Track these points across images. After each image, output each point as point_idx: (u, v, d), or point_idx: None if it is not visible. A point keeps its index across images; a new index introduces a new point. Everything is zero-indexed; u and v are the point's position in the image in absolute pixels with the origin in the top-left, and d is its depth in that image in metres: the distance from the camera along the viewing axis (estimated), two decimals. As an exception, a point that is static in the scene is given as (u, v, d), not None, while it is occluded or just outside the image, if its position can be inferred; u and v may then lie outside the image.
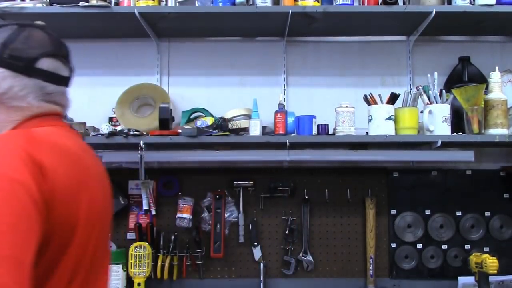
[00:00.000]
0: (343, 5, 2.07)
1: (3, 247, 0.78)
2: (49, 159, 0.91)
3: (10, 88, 1.04)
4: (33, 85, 1.06)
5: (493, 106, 2.01)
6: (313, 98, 2.39)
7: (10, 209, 0.81)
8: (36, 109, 1.06)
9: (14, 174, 0.84)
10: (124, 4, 2.13)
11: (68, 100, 1.15)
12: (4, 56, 1.05)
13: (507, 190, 2.30)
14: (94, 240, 1.00)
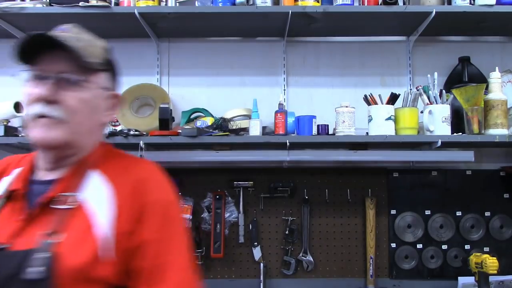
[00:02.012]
0: (343, 5, 2.07)
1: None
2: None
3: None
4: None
5: (493, 106, 2.01)
6: (313, 98, 2.39)
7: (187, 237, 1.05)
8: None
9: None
10: (124, 4, 2.13)
11: None
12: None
13: (507, 190, 2.30)
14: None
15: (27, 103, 1.02)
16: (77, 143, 1.06)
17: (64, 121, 1.01)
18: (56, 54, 1.01)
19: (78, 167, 1.07)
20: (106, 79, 1.10)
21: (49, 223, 0.98)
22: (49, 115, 0.99)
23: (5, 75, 2.39)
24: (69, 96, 1.01)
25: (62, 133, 1.01)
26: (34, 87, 1.01)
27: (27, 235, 0.97)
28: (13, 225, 0.99)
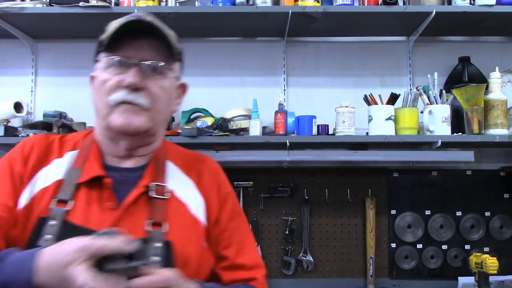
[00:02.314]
0: (343, 5, 2.07)
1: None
2: None
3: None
4: None
5: (493, 106, 2.01)
6: (313, 98, 2.39)
7: None
8: None
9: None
10: (124, 4, 2.13)
11: None
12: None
13: (507, 190, 2.30)
14: None
15: (108, 89, 1.01)
16: (155, 131, 1.07)
17: (147, 108, 1.01)
18: (142, 40, 1.02)
19: (157, 157, 1.09)
20: (178, 68, 1.12)
21: (148, 213, 0.99)
22: (134, 102, 1.00)
23: (7, 75, 2.40)
24: (153, 84, 1.02)
25: (145, 120, 1.01)
26: (116, 74, 1.01)
27: (128, 224, 0.96)
28: (107, 214, 0.98)
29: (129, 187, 1.02)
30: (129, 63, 1.01)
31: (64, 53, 2.40)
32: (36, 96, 2.39)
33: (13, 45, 2.36)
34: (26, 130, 2.11)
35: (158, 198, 1.02)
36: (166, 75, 1.05)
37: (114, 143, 1.07)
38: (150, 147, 1.09)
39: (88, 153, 1.06)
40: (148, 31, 1.01)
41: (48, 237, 0.91)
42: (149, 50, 1.02)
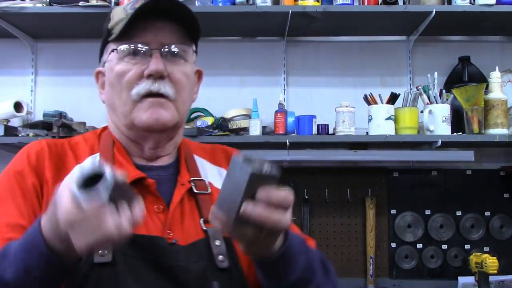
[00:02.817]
0: (343, 5, 2.07)
1: None
2: None
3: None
4: None
5: (493, 106, 2.01)
6: (313, 98, 2.38)
7: None
8: None
9: None
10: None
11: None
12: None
13: (507, 190, 2.30)
14: None
15: (128, 81, 0.91)
16: (181, 124, 0.99)
17: (172, 99, 0.91)
18: (157, 22, 0.91)
19: (183, 152, 1.00)
20: (194, 52, 1.00)
21: (197, 211, 0.92)
22: (161, 92, 0.89)
23: (7, 75, 2.40)
24: (176, 70, 0.92)
25: (173, 113, 0.92)
26: (134, 64, 0.91)
27: (182, 226, 0.89)
28: (156, 217, 0.88)
29: (168, 187, 0.93)
30: (149, 50, 0.90)
31: (64, 53, 2.40)
32: (36, 96, 2.39)
33: (13, 45, 2.36)
34: (26, 130, 2.11)
35: (202, 193, 0.94)
36: (188, 59, 0.95)
37: (136, 143, 0.96)
38: (174, 143, 0.99)
39: (112, 155, 0.94)
40: (164, 11, 0.90)
41: (102, 252, 0.80)
42: (168, 32, 0.92)
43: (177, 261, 0.84)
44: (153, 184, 0.91)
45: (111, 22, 0.96)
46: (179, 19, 0.92)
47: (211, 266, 0.86)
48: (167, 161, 0.98)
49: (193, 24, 0.93)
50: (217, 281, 0.85)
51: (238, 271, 0.89)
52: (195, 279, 0.84)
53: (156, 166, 0.96)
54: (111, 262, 0.80)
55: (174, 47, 0.92)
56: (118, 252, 0.81)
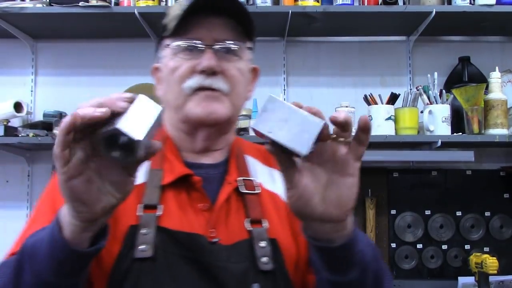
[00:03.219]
0: (343, 5, 2.07)
1: None
2: None
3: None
4: None
5: (493, 106, 2.01)
6: (313, 98, 2.38)
7: None
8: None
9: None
10: (124, 4, 2.13)
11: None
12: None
13: (507, 190, 2.30)
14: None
15: (180, 76, 0.90)
16: (234, 120, 0.97)
17: (226, 94, 0.90)
18: (212, 18, 0.91)
19: (235, 151, 0.99)
20: (249, 49, 0.99)
21: (244, 210, 0.91)
22: (213, 87, 0.89)
23: (7, 75, 2.40)
24: (230, 66, 0.92)
25: (227, 106, 0.90)
26: (188, 59, 0.90)
27: (226, 225, 0.88)
28: (201, 215, 0.88)
29: (215, 185, 0.92)
30: (202, 46, 0.90)
31: (64, 53, 2.40)
32: (36, 96, 2.39)
33: (13, 45, 2.37)
34: (26, 130, 2.11)
35: (249, 193, 0.92)
36: (242, 56, 0.95)
37: (190, 137, 0.95)
38: (227, 139, 0.98)
39: (163, 151, 0.92)
40: (219, 7, 0.90)
41: (144, 247, 0.81)
42: (222, 28, 0.91)
43: (216, 261, 0.83)
44: (199, 181, 0.90)
45: (167, 18, 0.95)
46: (233, 16, 0.92)
47: (253, 267, 0.84)
48: (218, 158, 0.97)
49: (248, 20, 0.93)
50: (258, 284, 0.83)
51: (283, 274, 0.87)
52: (234, 280, 0.82)
53: (206, 164, 0.95)
54: (151, 257, 0.81)
55: (227, 43, 0.92)
56: (159, 249, 0.82)
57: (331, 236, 0.71)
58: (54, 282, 0.69)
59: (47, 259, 0.68)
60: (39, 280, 0.69)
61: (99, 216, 0.66)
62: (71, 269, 0.70)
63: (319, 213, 0.68)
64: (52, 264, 0.68)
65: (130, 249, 0.82)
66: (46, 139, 2.04)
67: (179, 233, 0.84)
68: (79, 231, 0.67)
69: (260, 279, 0.84)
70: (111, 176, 0.65)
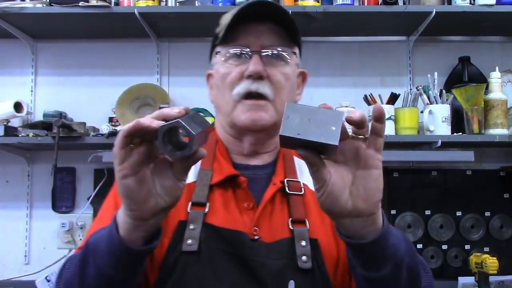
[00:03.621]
0: (343, 5, 2.07)
1: None
2: None
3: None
4: None
5: (493, 106, 2.01)
6: (313, 98, 2.38)
7: None
8: None
9: None
10: (124, 4, 2.13)
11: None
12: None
13: (507, 190, 2.30)
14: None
15: (230, 82, 0.96)
16: (280, 123, 1.01)
17: (271, 100, 0.95)
18: (260, 25, 0.96)
19: (283, 152, 1.04)
20: (298, 53, 1.05)
21: (287, 210, 0.95)
22: (260, 91, 0.94)
23: (7, 75, 2.40)
24: (276, 72, 0.97)
25: (271, 114, 0.96)
26: (237, 65, 0.96)
27: (269, 223, 0.93)
28: (246, 213, 0.93)
29: (261, 185, 0.97)
30: (249, 52, 0.95)
31: (64, 53, 2.40)
32: (36, 96, 2.39)
33: (13, 45, 2.37)
34: (26, 130, 2.11)
35: (294, 194, 0.97)
36: (288, 61, 0.99)
37: (238, 141, 1.01)
38: (275, 142, 1.03)
39: (214, 153, 1.00)
40: (266, 15, 0.95)
41: (191, 241, 0.87)
42: (269, 34, 0.96)
43: (255, 256, 0.88)
44: (245, 182, 0.95)
45: (219, 27, 1.01)
46: (279, 22, 0.97)
47: (292, 265, 0.88)
48: (266, 160, 1.02)
49: (293, 27, 0.98)
50: (295, 280, 0.86)
51: (322, 273, 0.90)
52: (271, 275, 0.86)
53: (253, 165, 1.01)
54: (196, 251, 0.87)
55: (273, 49, 0.97)
56: (204, 243, 0.88)
57: (363, 232, 0.73)
58: (113, 274, 0.75)
59: (106, 255, 0.75)
60: (100, 272, 0.76)
61: (148, 216, 0.72)
62: (127, 264, 0.76)
63: (349, 208, 0.71)
64: (111, 259, 0.74)
65: (178, 243, 0.88)
66: (46, 139, 2.04)
67: (223, 230, 0.90)
68: (132, 229, 0.73)
69: (297, 276, 0.87)
70: (162, 180, 0.71)
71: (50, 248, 2.27)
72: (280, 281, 0.86)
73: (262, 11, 0.94)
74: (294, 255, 0.89)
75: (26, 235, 2.30)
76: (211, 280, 0.86)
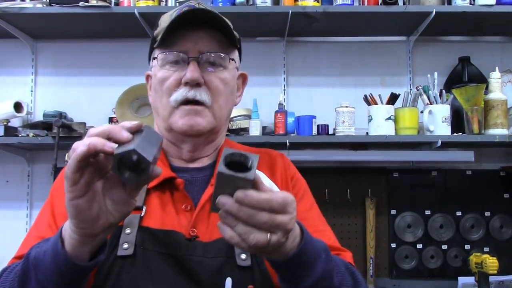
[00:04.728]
0: (343, 5, 2.07)
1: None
2: None
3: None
4: None
5: (493, 106, 2.01)
6: (313, 98, 2.38)
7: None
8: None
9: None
10: (124, 4, 2.13)
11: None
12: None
13: (507, 190, 2.30)
14: None
15: (168, 88, 0.96)
16: (218, 129, 1.02)
17: (208, 106, 0.96)
18: (197, 31, 0.95)
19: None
20: (237, 57, 1.04)
21: None
22: (197, 99, 0.94)
23: (7, 75, 2.40)
24: (213, 78, 0.96)
25: (208, 119, 0.96)
26: (174, 71, 0.96)
27: (207, 224, 0.93)
28: (183, 215, 0.93)
29: (200, 187, 0.98)
30: (186, 58, 0.95)
31: (64, 53, 2.40)
32: (36, 96, 2.39)
33: (13, 45, 2.37)
34: (26, 130, 2.11)
35: None
36: (226, 66, 0.98)
37: (176, 146, 1.02)
38: (214, 145, 1.04)
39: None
40: (204, 21, 0.95)
41: (126, 245, 0.87)
42: (207, 40, 0.96)
43: (192, 256, 0.88)
44: (182, 183, 0.96)
45: (158, 28, 1.00)
46: (218, 28, 0.96)
47: (230, 263, 0.89)
48: (205, 162, 1.03)
49: (230, 32, 0.98)
50: (232, 278, 0.87)
51: (261, 271, 0.90)
52: (208, 274, 0.87)
53: (192, 167, 1.01)
54: (131, 255, 0.87)
55: (211, 55, 0.96)
56: (139, 246, 0.87)
57: (279, 251, 0.72)
58: None
59: (50, 271, 0.73)
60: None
61: (98, 233, 0.72)
62: (72, 280, 0.74)
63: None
64: (54, 275, 0.73)
65: (114, 248, 0.88)
66: (46, 139, 2.04)
67: (158, 231, 0.89)
68: (79, 245, 0.72)
69: (235, 274, 0.88)
70: (113, 196, 0.70)
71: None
72: (217, 279, 0.86)
73: (200, 17, 0.95)
74: (232, 253, 0.89)
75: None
76: (147, 283, 0.85)
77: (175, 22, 0.93)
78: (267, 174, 1.04)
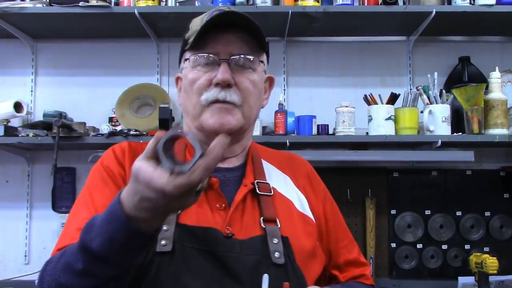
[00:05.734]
0: (343, 5, 2.07)
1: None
2: None
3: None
4: None
5: (493, 106, 2.01)
6: (313, 98, 2.38)
7: None
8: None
9: None
10: (124, 4, 2.13)
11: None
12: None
13: (507, 190, 2.30)
14: None
15: (198, 88, 0.99)
16: (247, 128, 1.05)
17: (238, 105, 0.99)
18: (228, 34, 0.99)
19: (252, 156, 1.08)
20: (265, 60, 1.08)
21: (258, 210, 0.99)
22: (227, 100, 0.97)
23: (7, 75, 2.40)
24: (244, 79, 0.99)
25: (238, 118, 0.99)
26: (205, 72, 0.99)
27: (241, 223, 0.96)
28: (218, 213, 0.96)
29: (232, 187, 1.01)
30: (217, 60, 0.98)
31: (64, 53, 2.40)
32: (36, 96, 2.39)
33: (13, 45, 2.37)
34: (26, 130, 2.11)
35: (264, 195, 1.01)
36: (255, 68, 1.01)
37: (206, 145, 1.03)
38: (242, 145, 1.08)
39: (184, 156, 1.02)
40: (235, 24, 0.98)
41: (164, 242, 0.89)
42: (237, 43, 0.99)
43: (230, 252, 0.90)
44: (217, 183, 0.98)
45: (189, 32, 1.04)
46: (248, 31, 0.99)
47: (265, 260, 0.92)
48: (235, 163, 1.06)
49: (260, 35, 1.00)
50: (269, 274, 0.89)
51: (294, 268, 0.94)
52: (246, 270, 0.90)
53: (223, 167, 1.04)
54: (170, 251, 0.89)
55: (241, 57, 0.99)
56: (177, 243, 0.90)
57: None
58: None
59: (111, 240, 0.75)
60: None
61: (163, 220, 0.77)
62: (142, 248, 0.78)
63: None
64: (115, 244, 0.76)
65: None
66: (46, 139, 2.04)
67: (196, 228, 0.92)
68: (150, 220, 0.75)
69: (271, 271, 0.90)
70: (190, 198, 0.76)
71: (50, 248, 2.24)
72: (254, 276, 0.89)
73: (231, 20, 0.97)
74: (267, 251, 0.93)
75: (26, 235, 2.30)
76: (186, 278, 0.88)
77: (208, 25, 0.96)
78: (293, 180, 1.10)
